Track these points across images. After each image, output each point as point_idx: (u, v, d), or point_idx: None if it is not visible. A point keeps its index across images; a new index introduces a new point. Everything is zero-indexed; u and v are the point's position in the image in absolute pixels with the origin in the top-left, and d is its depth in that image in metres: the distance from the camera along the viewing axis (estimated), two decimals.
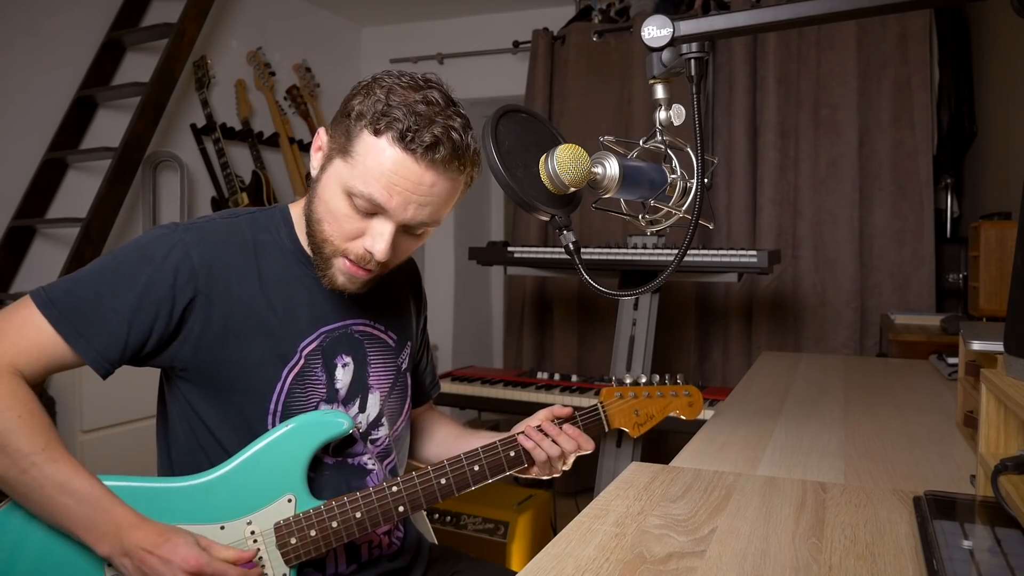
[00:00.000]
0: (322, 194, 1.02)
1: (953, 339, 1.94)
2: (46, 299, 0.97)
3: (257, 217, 1.10)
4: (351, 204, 0.99)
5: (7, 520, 0.99)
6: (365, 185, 0.97)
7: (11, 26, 2.74)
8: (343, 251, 1.02)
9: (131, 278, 0.99)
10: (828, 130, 3.09)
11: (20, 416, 0.93)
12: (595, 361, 3.45)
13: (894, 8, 0.81)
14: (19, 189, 2.77)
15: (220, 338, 1.03)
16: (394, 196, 0.97)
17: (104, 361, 0.99)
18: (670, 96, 0.93)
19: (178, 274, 1.00)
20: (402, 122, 0.95)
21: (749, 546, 0.82)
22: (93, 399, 2.24)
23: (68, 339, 0.97)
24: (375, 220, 1.00)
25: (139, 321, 0.99)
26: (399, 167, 0.96)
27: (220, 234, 1.05)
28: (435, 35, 4.17)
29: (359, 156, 0.97)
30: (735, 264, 2.31)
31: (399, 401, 1.21)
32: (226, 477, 1.03)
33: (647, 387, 1.30)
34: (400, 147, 0.95)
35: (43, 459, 0.92)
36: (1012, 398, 0.79)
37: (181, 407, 1.08)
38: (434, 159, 0.96)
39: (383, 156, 0.96)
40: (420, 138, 0.95)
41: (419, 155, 0.95)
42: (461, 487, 1.11)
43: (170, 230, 1.03)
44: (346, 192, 0.99)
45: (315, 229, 1.03)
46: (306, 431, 1.05)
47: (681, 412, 1.31)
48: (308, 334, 1.08)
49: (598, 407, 1.24)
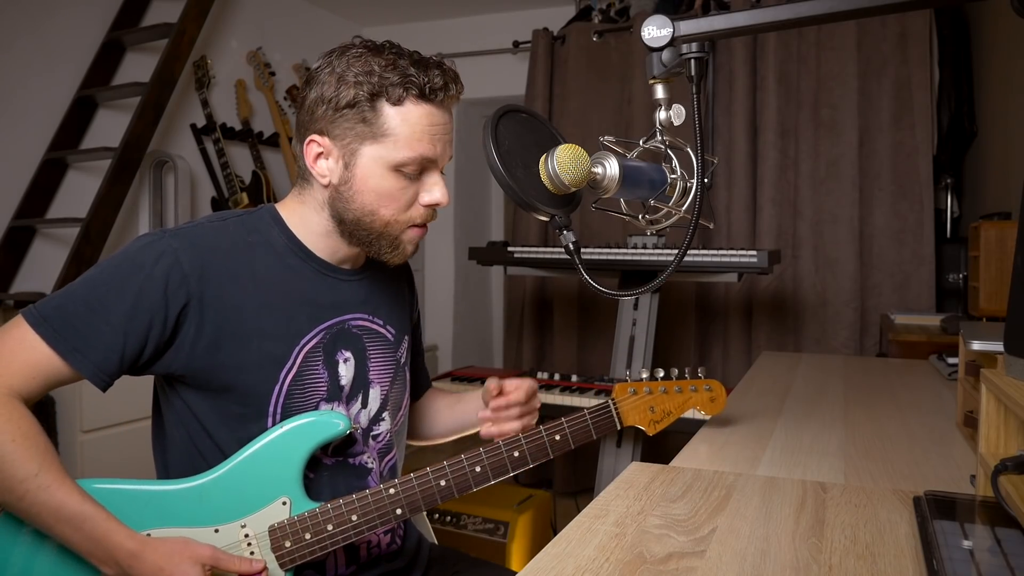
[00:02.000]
0: (364, 186, 1.04)
1: (953, 339, 1.94)
2: (39, 317, 0.97)
3: (245, 219, 1.09)
4: (401, 176, 1.04)
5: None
6: (413, 150, 1.02)
7: (11, 26, 2.74)
8: (409, 221, 1.07)
9: (122, 289, 0.98)
10: (828, 130, 3.09)
11: (14, 440, 0.92)
12: (595, 361, 3.45)
13: (894, 8, 0.81)
14: (19, 189, 2.77)
15: (215, 343, 1.02)
16: (436, 145, 1.04)
17: (102, 374, 0.98)
18: (670, 96, 0.93)
19: (169, 280, 0.99)
20: (414, 80, 1.01)
21: (749, 546, 0.82)
22: (93, 400, 2.24)
23: (64, 356, 0.96)
24: (425, 176, 1.06)
25: (134, 331, 0.98)
26: (432, 118, 1.03)
27: (209, 238, 1.04)
28: (435, 35, 4.18)
29: (393, 129, 1.02)
30: (735, 264, 2.31)
31: (400, 394, 1.21)
32: (220, 480, 1.02)
33: (664, 382, 1.22)
34: (424, 102, 1.02)
35: (36, 486, 0.92)
36: (1012, 398, 0.79)
37: (177, 412, 1.07)
38: (448, 96, 1.04)
39: (414, 117, 1.02)
40: (434, 86, 1.02)
41: (439, 100, 1.03)
42: (462, 489, 1.09)
43: (158, 237, 1.02)
44: (394, 168, 1.03)
45: (371, 221, 1.05)
46: (301, 433, 1.04)
47: (702, 408, 1.24)
48: (307, 332, 1.08)
49: (609, 404, 1.19)
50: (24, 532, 0.99)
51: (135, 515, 0.97)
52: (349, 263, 1.14)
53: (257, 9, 3.71)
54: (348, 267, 1.14)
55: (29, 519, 0.94)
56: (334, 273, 1.12)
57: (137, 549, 0.94)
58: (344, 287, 1.13)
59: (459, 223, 4.31)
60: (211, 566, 0.96)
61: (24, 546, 0.99)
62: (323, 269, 1.11)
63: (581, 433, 1.16)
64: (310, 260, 1.10)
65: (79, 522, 0.93)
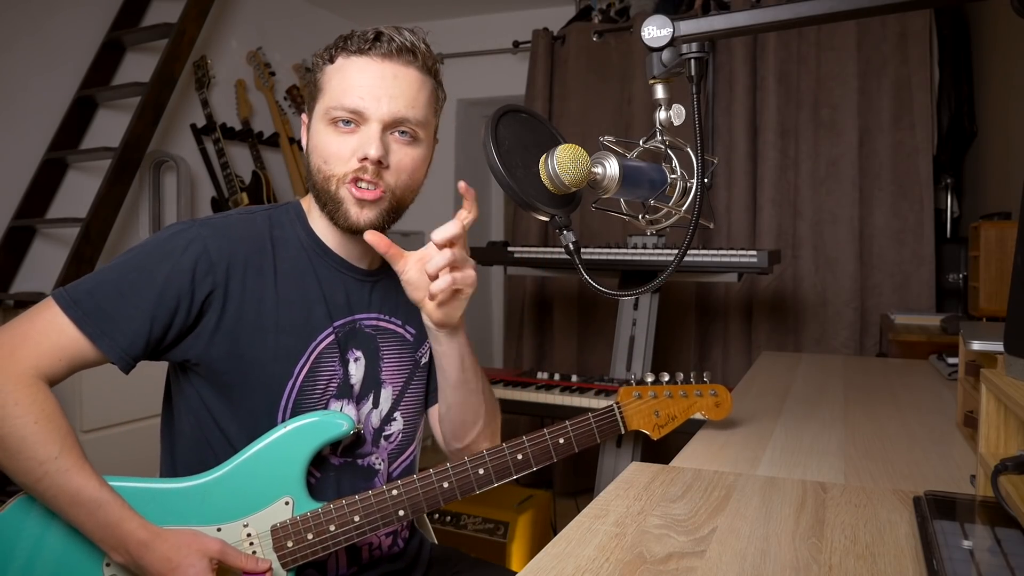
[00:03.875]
0: (312, 146, 1.08)
1: (953, 339, 1.94)
2: (70, 300, 0.98)
3: (273, 213, 1.12)
4: (336, 128, 1.04)
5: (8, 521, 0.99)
6: (337, 101, 1.03)
7: (11, 26, 2.74)
8: (344, 176, 1.05)
9: (151, 274, 1.00)
10: (828, 130, 3.09)
11: (37, 422, 0.93)
12: (595, 361, 3.45)
13: (894, 8, 0.81)
14: (19, 189, 2.77)
15: (233, 333, 1.03)
16: (366, 97, 1.03)
17: (128, 357, 1.00)
18: (670, 96, 0.93)
19: (197, 267, 1.01)
20: (352, 38, 1.05)
21: (749, 546, 0.82)
22: (93, 399, 2.24)
23: (93, 338, 0.98)
24: (360, 130, 1.04)
25: (160, 315, 1.00)
26: (361, 70, 1.04)
27: (237, 229, 1.06)
28: (435, 35, 4.13)
29: (328, 85, 1.05)
30: (735, 264, 2.31)
31: (416, 395, 1.20)
32: (224, 478, 1.03)
33: (669, 386, 1.21)
34: (356, 56, 1.04)
35: (55, 468, 0.93)
36: (1012, 398, 0.79)
37: (189, 402, 1.08)
38: (388, 51, 1.04)
39: (346, 71, 1.04)
40: (367, 38, 1.04)
41: (373, 53, 1.04)
42: (465, 491, 1.08)
43: (188, 225, 1.05)
44: (329, 120, 1.04)
45: (317, 177, 1.06)
46: (304, 433, 1.04)
47: (707, 413, 1.23)
48: (322, 329, 1.08)
49: (614, 408, 1.18)
50: (38, 517, 0.99)
51: (139, 512, 0.97)
52: (365, 261, 1.14)
53: (257, 9, 3.71)
54: (365, 266, 1.14)
55: (45, 501, 0.95)
56: (349, 272, 1.13)
57: (148, 539, 0.95)
58: (356, 286, 1.13)
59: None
60: (218, 560, 0.97)
61: (39, 530, 1.00)
62: (339, 267, 1.12)
63: (585, 437, 1.15)
64: (327, 257, 1.11)
65: (95, 507, 0.94)
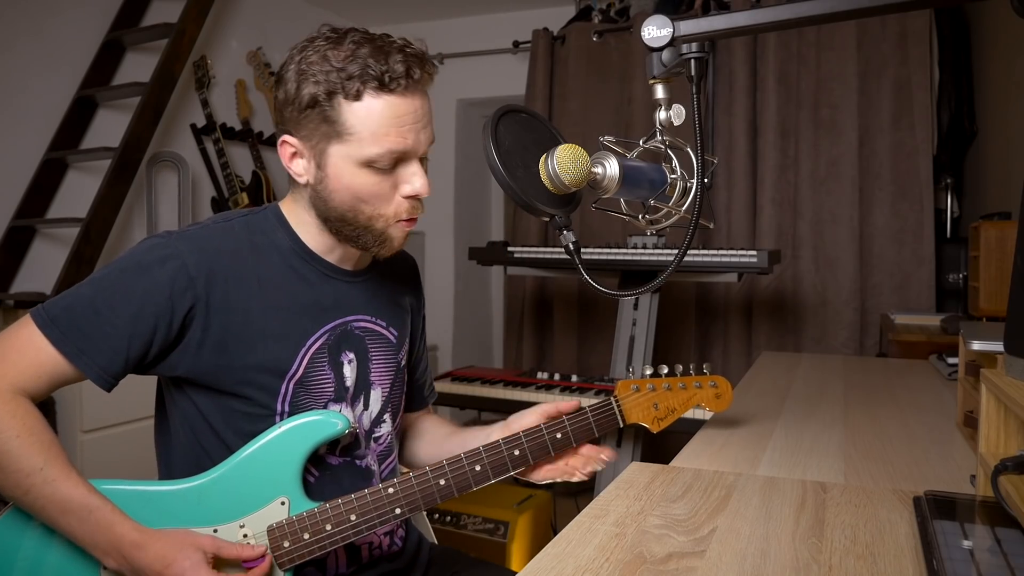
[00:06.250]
0: (338, 184, 1.02)
1: (953, 339, 1.94)
2: (47, 319, 0.98)
3: (251, 220, 1.09)
4: (374, 171, 1.01)
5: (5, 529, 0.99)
6: (379, 145, 0.99)
7: (11, 26, 2.74)
8: (394, 216, 1.04)
9: (128, 292, 0.99)
10: (828, 130, 3.09)
11: (19, 436, 0.93)
12: (595, 361, 3.45)
13: (894, 8, 0.81)
14: (19, 189, 2.77)
15: (221, 345, 1.02)
16: (407, 136, 1.00)
17: (107, 376, 0.99)
18: (670, 96, 0.93)
19: (175, 284, 0.99)
20: (371, 72, 0.97)
21: (749, 546, 0.82)
22: (93, 399, 2.24)
23: (70, 357, 0.97)
24: (400, 168, 1.02)
25: (138, 334, 0.99)
26: (395, 109, 0.99)
27: (215, 240, 1.04)
28: (435, 35, 4.17)
29: (354, 127, 0.98)
30: (735, 264, 2.31)
31: (400, 397, 1.21)
32: (219, 480, 1.03)
33: (668, 378, 1.19)
34: (385, 93, 0.98)
35: (41, 480, 0.93)
36: (1012, 398, 0.79)
37: (183, 411, 1.07)
38: (413, 82, 0.99)
39: (376, 111, 0.98)
40: (394, 74, 0.97)
41: (402, 88, 0.99)
42: (462, 488, 1.07)
43: (164, 239, 1.02)
44: (364, 165, 1.00)
45: (354, 218, 1.03)
46: (300, 433, 1.04)
47: (707, 404, 1.21)
48: (312, 333, 1.08)
49: (611, 401, 1.16)
50: (33, 527, 0.99)
51: (134, 515, 0.98)
52: (350, 263, 1.13)
53: (257, 9, 3.71)
54: (350, 267, 1.14)
55: (35, 513, 0.95)
56: (337, 274, 1.12)
57: (141, 540, 0.95)
58: (346, 288, 1.12)
59: (459, 223, 4.31)
60: (212, 554, 0.97)
61: (34, 540, 1.00)
62: (326, 270, 1.11)
63: (583, 431, 1.14)
64: (313, 261, 1.10)
65: (85, 514, 0.94)
